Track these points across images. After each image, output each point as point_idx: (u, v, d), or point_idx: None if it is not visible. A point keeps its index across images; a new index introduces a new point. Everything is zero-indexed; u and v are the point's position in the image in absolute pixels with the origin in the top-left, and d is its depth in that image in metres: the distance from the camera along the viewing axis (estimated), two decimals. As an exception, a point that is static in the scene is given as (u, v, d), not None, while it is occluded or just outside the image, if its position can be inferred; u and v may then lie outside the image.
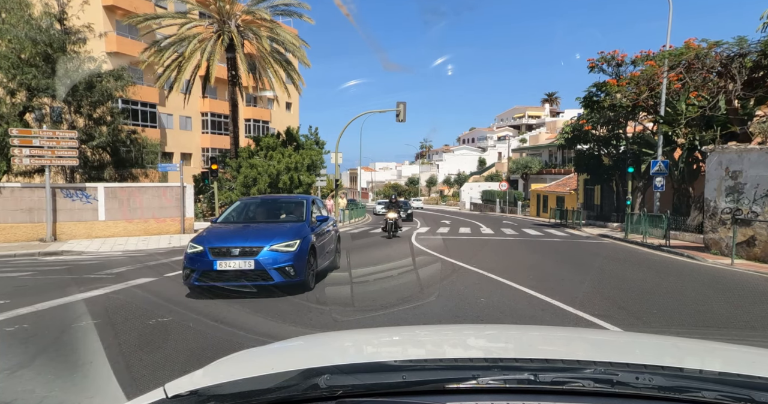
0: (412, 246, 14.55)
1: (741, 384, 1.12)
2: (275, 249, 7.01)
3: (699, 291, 8.08)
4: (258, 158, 23.60)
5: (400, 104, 24.57)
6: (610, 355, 1.53)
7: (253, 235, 7.39)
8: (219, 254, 6.92)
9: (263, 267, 6.86)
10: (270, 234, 7.34)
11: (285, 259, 6.99)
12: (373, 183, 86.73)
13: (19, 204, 15.27)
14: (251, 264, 6.85)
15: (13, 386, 3.73)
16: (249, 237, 7.27)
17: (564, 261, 12.00)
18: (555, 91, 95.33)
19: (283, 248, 7.06)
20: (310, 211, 8.51)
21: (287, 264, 6.99)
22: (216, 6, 23.75)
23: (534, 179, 47.71)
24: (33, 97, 18.12)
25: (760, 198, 11.84)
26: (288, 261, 7.00)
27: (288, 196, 10.82)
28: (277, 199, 10.28)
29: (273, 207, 9.19)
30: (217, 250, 6.95)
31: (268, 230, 7.64)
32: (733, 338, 5.26)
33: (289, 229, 7.62)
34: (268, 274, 6.88)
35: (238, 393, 1.13)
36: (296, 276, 7.06)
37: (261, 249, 6.94)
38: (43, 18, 18.07)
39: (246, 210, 8.97)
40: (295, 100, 45.53)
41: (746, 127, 15.76)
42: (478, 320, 5.91)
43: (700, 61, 16.56)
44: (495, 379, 1.11)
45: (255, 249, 6.94)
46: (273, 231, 7.54)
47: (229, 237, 7.32)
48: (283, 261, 6.97)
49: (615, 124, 24.94)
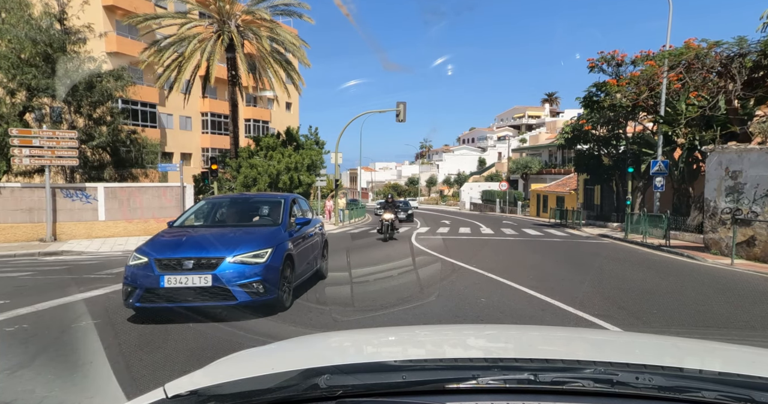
0: (412, 246, 14.55)
1: (741, 384, 1.12)
2: (240, 260, 5.75)
3: (699, 291, 8.08)
4: (258, 158, 23.61)
5: (400, 104, 24.59)
6: (610, 355, 1.53)
7: (214, 243, 6.06)
8: (168, 267, 5.59)
9: (223, 283, 5.53)
10: (235, 241, 6.11)
11: (252, 273, 5.71)
12: (373, 183, 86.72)
13: (19, 205, 15.28)
14: (208, 280, 5.52)
15: (13, 386, 3.73)
16: (208, 246, 5.97)
17: (564, 261, 12.00)
18: (555, 91, 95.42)
19: (250, 259, 5.81)
20: (288, 213, 7.23)
21: (255, 279, 5.70)
22: (216, 6, 23.75)
23: (534, 179, 47.71)
24: (33, 97, 18.13)
25: (760, 198, 11.84)
26: (256, 275, 5.71)
27: (263, 195, 9.41)
28: (250, 198, 8.78)
29: (244, 209, 7.84)
30: (165, 262, 5.62)
31: (233, 236, 6.37)
32: (733, 338, 5.26)
33: (260, 235, 6.38)
34: (230, 293, 5.56)
35: (238, 393, 1.13)
36: (266, 294, 5.77)
37: (221, 261, 5.64)
38: (43, 18, 18.07)
39: (212, 212, 7.66)
40: (295, 100, 45.53)
41: (746, 127, 15.76)
42: (478, 320, 5.91)
43: (700, 61, 16.56)
44: (495, 379, 1.11)
45: (214, 261, 5.64)
46: (239, 237, 6.31)
47: (183, 245, 6.06)
48: (250, 276, 5.68)
49: (615, 124, 24.95)
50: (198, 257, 5.68)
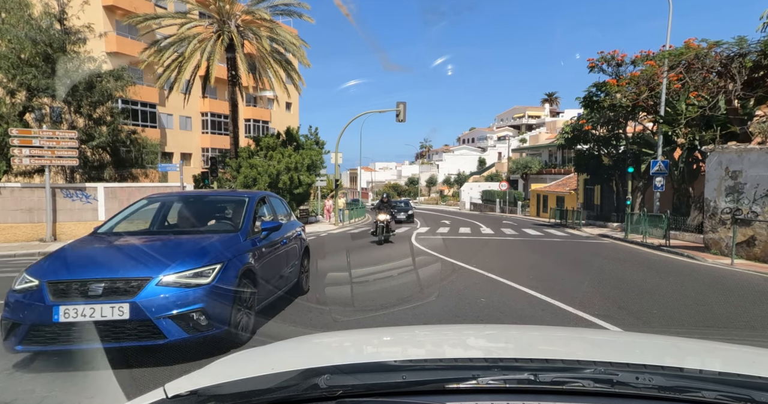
0: (412, 246, 14.54)
1: (741, 384, 1.12)
2: (174, 280, 4.20)
3: (699, 291, 8.07)
4: (258, 158, 23.58)
5: (400, 104, 24.59)
6: (610, 355, 1.53)
7: (140, 257, 4.46)
8: (66, 294, 4.02)
9: (146, 315, 3.99)
10: (170, 254, 4.49)
11: (190, 299, 4.18)
12: (373, 183, 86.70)
13: (19, 205, 15.28)
14: (124, 311, 3.96)
15: (13, 386, 3.73)
16: (129, 262, 4.37)
17: (564, 261, 12.00)
18: (555, 91, 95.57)
19: (189, 279, 4.27)
20: (251, 216, 5.68)
21: (194, 307, 4.17)
22: (216, 6, 23.74)
23: (534, 179, 47.72)
24: (33, 97, 18.13)
25: (760, 198, 11.84)
26: (196, 301, 4.19)
27: (223, 193, 7.75)
28: (205, 196, 6.98)
29: (198, 210, 6.23)
30: (63, 287, 4.04)
31: (170, 247, 4.76)
32: (733, 338, 5.26)
33: (207, 245, 4.76)
34: (156, 328, 4.02)
35: (238, 393, 1.13)
36: (211, 327, 4.26)
37: (146, 283, 4.09)
38: (43, 18, 18.07)
39: (156, 215, 6.06)
40: (295, 100, 45.55)
41: (746, 127, 15.76)
42: (478, 320, 5.91)
43: (700, 61, 16.57)
44: (495, 379, 1.11)
45: (135, 284, 4.08)
46: (177, 249, 4.69)
47: (95, 261, 4.46)
48: (187, 303, 4.15)
49: (615, 124, 24.96)
50: (111, 278, 4.08)
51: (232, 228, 5.50)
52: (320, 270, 9.32)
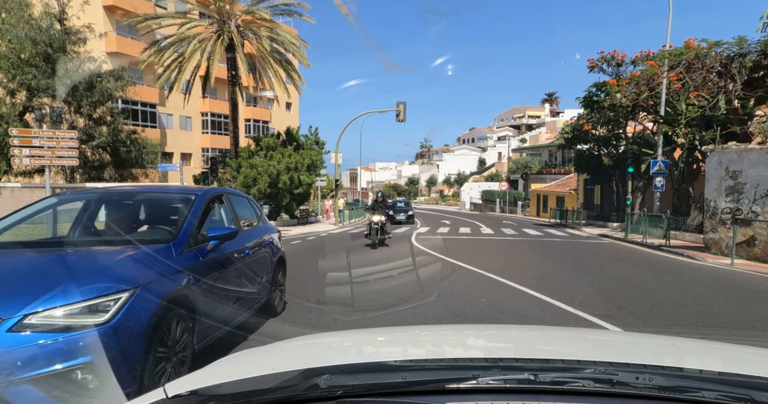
0: (412, 246, 14.54)
1: (741, 384, 1.12)
2: (42, 322, 2.71)
3: (699, 291, 8.07)
4: (258, 158, 23.59)
5: (400, 104, 24.59)
6: (610, 355, 1.53)
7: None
8: None
9: None
10: (44, 279, 2.98)
11: (72, 349, 2.73)
12: (373, 183, 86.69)
13: (20, 205, 15.14)
14: None
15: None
16: None
17: (564, 261, 12.00)
18: (555, 91, 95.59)
19: (71, 318, 2.78)
20: (193, 221, 4.13)
21: (74, 362, 2.73)
22: (216, 6, 23.74)
23: (534, 179, 47.73)
24: (33, 97, 18.14)
25: (760, 198, 11.84)
26: (80, 353, 2.75)
27: (160, 189, 5.77)
28: (134, 194, 5.03)
29: (123, 213, 4.70)
30: None
31: (48, 269, 3.22)
32: (733, 338, 5.26)
33: (110, 265, 3.30)
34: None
35: (238, 393, 1.13)
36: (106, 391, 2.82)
37: None
38: (43, 18, 18.09)
39: (77, 219, 4.72)
40: (295, 100, 45.55)
41: (746, 127, 15.76)
42: (478, 320, 5.91)
43: (700, 61, 16.57)
44: (495, 379, 1.11)
45: None
46: (57, 271, 3.17)
47: None
48: (65, 357, 2.71)
49: (615, 124, 24.96)
50: None
51: (167, 237, 3.95)
52: (320, 271, 9.32)
